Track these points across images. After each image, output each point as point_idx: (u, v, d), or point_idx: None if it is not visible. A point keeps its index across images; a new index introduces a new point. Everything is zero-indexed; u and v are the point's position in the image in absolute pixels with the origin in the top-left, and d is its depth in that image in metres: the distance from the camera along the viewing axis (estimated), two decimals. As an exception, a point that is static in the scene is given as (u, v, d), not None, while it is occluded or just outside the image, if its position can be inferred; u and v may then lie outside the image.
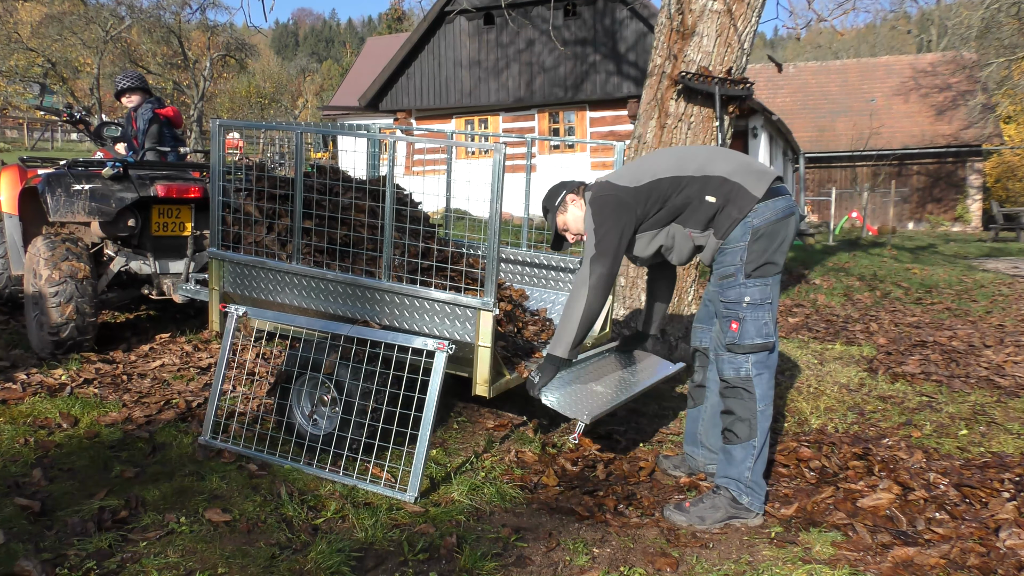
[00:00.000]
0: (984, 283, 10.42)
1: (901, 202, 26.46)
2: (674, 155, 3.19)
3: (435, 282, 3.36)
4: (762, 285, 2.97)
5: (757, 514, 2.99)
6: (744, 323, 2.96)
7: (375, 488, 3.04)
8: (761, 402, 2.99)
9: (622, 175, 3.15)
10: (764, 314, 2.96)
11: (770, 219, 2.95)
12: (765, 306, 2.96)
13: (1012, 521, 2.88)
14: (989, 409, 4.38)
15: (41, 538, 2.57)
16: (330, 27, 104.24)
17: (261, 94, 47.04)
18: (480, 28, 19.29)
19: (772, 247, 2.95)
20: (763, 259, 2.95)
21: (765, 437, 3.00)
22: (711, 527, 2.93)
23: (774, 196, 2.97)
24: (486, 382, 3.10)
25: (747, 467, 2.98)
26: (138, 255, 4.88)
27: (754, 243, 2.95)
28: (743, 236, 2.95)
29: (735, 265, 2.97)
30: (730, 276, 2.99)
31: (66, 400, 3.91)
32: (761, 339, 2.95)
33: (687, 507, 2.99)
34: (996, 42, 26.56)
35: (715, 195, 2.98)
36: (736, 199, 2.96)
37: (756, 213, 2.95)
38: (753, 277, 2.96)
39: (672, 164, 3.09)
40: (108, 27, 32.67)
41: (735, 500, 2.97)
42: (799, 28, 6.78)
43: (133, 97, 5.73)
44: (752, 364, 2.98)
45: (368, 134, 3.50)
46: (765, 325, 2.96)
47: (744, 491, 2.97)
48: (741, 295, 2.97)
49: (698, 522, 2.94)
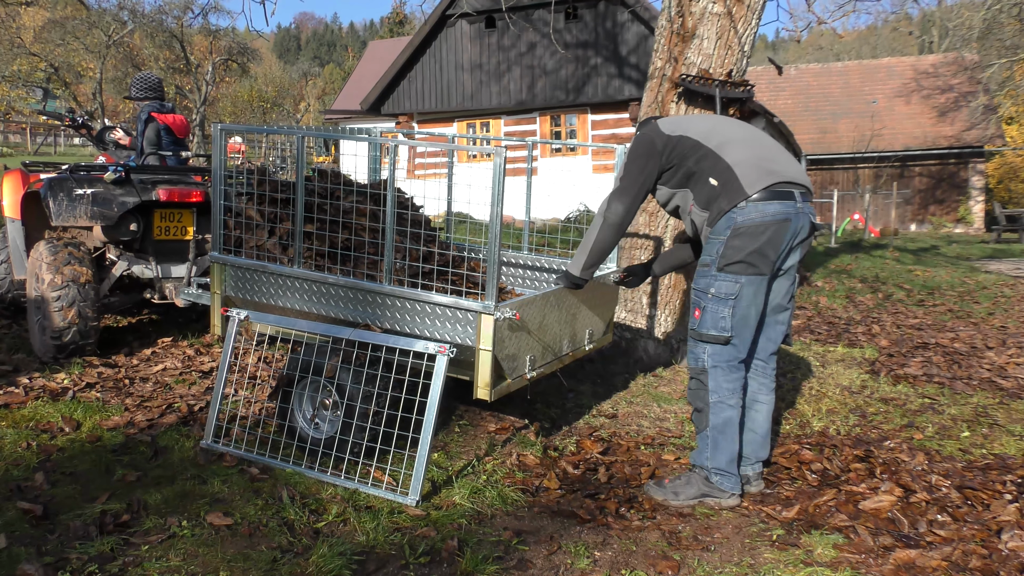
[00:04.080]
0: (986, 285, 10.41)
1: (903, 204, 26.42)
2: (710, 122, 3.28)
3: (436, 286, 3.37)
4: (731, 281, 2.99)
5: (731, 495, 3.09)
6: (704, 312, 3.04)
7: (376, 491, 3.05)
8: (713, 395, 3.07)
9: (667, 121, 3.28)
10: (725, 309, 3.01)
11: (754, 220, 2.95)
12: (728, 301, 3.01)
13: (1014, 523, 2.87)
14: (991, 411, 4.38)
15: (43, 542, 2.58)
16: (332, 31, 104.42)
17: (263, 98, 47.11)
18: (481, 31, 19.31)
19: (750, 247, 2.95)
20: (738, 257, 2.97)
21: (724, 429, 3.08)
22: (685, 502, 3.08)
23: (770, 199, 2.96)
24: (487, 385, 3.11)
25: (705, 456, 3.11)
26: (140, 259, 4.89)
27: (733, 239, 2.97)
28: (725, 229, 3.00)
29: (711, 256, 3.04)
30: (706, 265, 3.07)
31: (68, 404, 3.92)
32: (716, 331, 3.03)
33: (666, 483, 3.17)
34: (998, 43, 26.55)
35: (717, 180, 3.03)
36: (729, 190, 2.99)
37: (741, 210, 2.96)
38: (724, 271, 3.00)
39: (703, 129, 3.17)
40: (110, 32, 32.73)
41: (708, 479, 3.10)
42: (799, 31, 6.78)
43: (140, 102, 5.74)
44: (708, 355, 3.07)
45: (369, 138, 3.51)
46: (723, 319, 3.02)
47: (711, 473, 3.10)
48: (708, 285, 3.04)
49: (672, 497, 3.09)
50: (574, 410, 4.29)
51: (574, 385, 4.64)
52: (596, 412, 4.26)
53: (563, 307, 3.60)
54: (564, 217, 13.90)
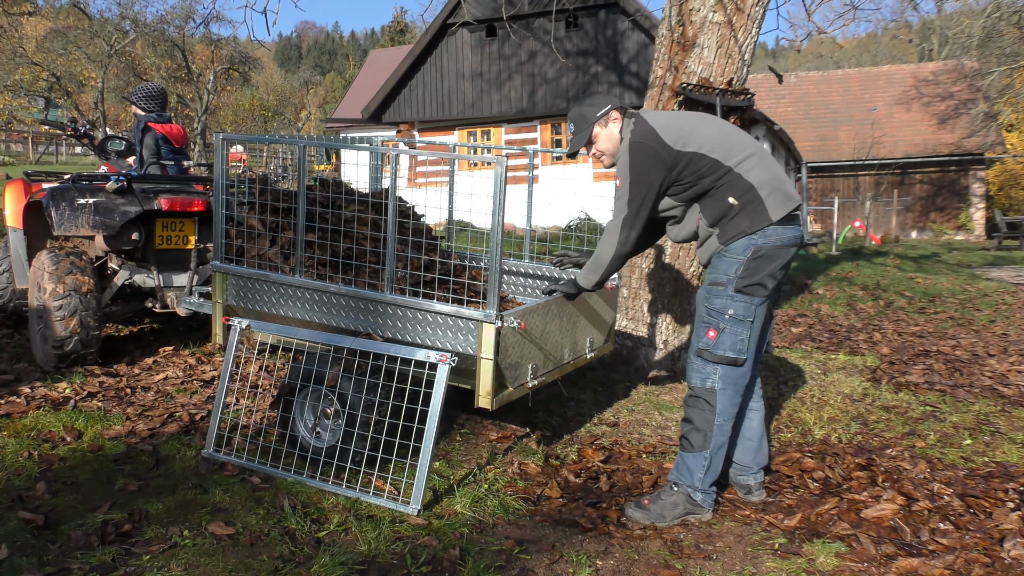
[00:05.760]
0: (988, 292, 10.40)
1: (904, 211, 26.43)
2: (722, 132, 3.09)
3: (438, 294, 3.37)
4: (748, 303, 2.99)
5: (708, 511, 3.10)
6: (722, 333, 2.99)
7: (378, 500, 3.04)
8: (720, 417, 3.04)
9: (667, 127, 3.05)
10: (743, 331, 2.99)
11: (774, 243, 2.97)
12: (746, 323, 2.99)
13: (1016, 531, 2.87)
14: (993, 419, 4.37)
15: (45, 552, 2.58)
16: (333, 40, 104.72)
17: (264, 107, 47.26)
18: (482, 40, 19.37)
19: (767, 269, 2.97)
20: (755, 279, 2.97)
21: (719, 450, 3.07)
22: (671, 523, 3.04)
23: (787, 223, 2.99)
24: (489, 394, 3.11)
25: (699, 477, 3.07)
26: (142, 268, 4.90)
27: (752, 260, 2.96)
28: (745, 250, 2.96)
29: (728, 276, 2.99)
30: (720, 284, 3.01)
31: (70, 413, 3.92)
32: (733, 353, 2.99)
33: (646, 504, 3.09)
34: (997, 51, 26.60)
35: (738, 199, 2.98)
36: (752, 212, 2.96)
37: (764, 233, 2.96)
38: (742, 292, 2.98)
39: (718, 143, 3.02)
40: (112, 41, 32.87)
41: (690, 497, 3.06)
42: (799, 40, 6.79)
43: (136, 110, 5.74)
44: (719, 377, 3.02)
45: (371, 147, 3.52)
46: (741, 341, 2.99)
47: (696, 492, 3.07)
48: (726, 306, 2.99)
49: (659, 519, 3.04)
50: (575, 418, 4.28)
51: (575, 393, 4.64)
52: (598, 420, 4.26)
53: (564, 315, 3.60)
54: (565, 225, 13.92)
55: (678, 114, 3.27)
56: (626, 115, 3.20)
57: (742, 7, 4.68)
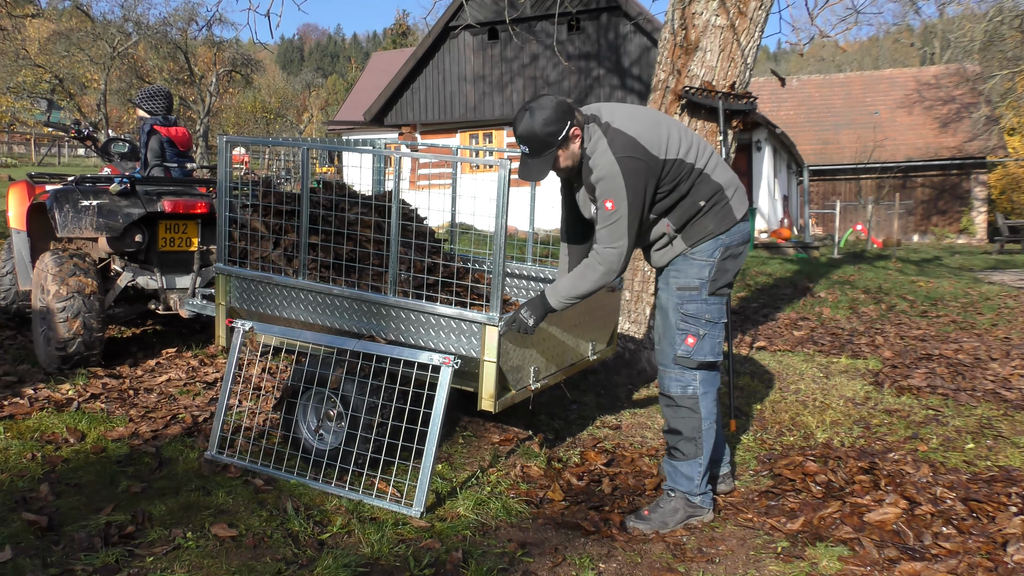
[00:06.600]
0: (990, 295, 10.39)
1: (906, 214, 26.42)
2: (684, 131, 2.91)
3: (441, 297, 3.38)
4: (719, 304, 3.00)
5: (708, 511, 3.09)
6: (702, 339, 2.97)
7: (381, 503, 3.05)
8: (706, 420, 3.04)
9: (641, 133, 2.78)
10: (719, 332, 3.01)
11: (737, 241, 2.99)
12: (720, 324, 3.01)
13: (1020, 536, 2.87)
14: (996, 422, 4.37)
15: (48, 553, 2.58)
16: (335, 42, 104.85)
17: (267, 109, 47.30)
18: (484, 43, 19.39)
19: (733, 268, 2.99)
20: (726, 279, 2.98)
21: (709, 452, 3.07)
22: (674, 528, 3.02)
23: (744, 219, 3.01)
24: (491, 397, 3.11)
25: (696, 483, 3.05)
26: (145, 270, 4.91)
27: (723, 261, 2.96)
28: (714, 252, 2.94)
29: (701, 279, 2.95)
30: (693, 289, 2.95)
31: (73, 415, 3.93)
32: (712, 357, 3.00)
33: (647, 515, 3.06)
34: (999, 55, 26.60)
35: (705, 201, 2.92)
36: (720, 213, 2.94)
37: (730, 233, 2.96)
38: (715, 295, 2.98)
39: (689, 144, 2.87)
40: (115, 43, 32.91)
41: (689, 501, 3.05)
42: (802, 44, 6.79)
43: (142, 112, 5.75)
44: (700, 382, 3.01)
45: (373, 150, 3.52)
46: (718, 344, 3.00)
47: (695, 495, 3.06)
48: (702, 311, 2.96)
49: (661, 527, 3.01)
50: (578, 421, 4.29)
51: (578, 396, 4.64)
52: (600, 423, 4.26)
53: (567, 318, 3.61)
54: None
55: (641, 114, 2.92)
56: (585, 124, 2.86)
57: (745, 10, 4.69)
